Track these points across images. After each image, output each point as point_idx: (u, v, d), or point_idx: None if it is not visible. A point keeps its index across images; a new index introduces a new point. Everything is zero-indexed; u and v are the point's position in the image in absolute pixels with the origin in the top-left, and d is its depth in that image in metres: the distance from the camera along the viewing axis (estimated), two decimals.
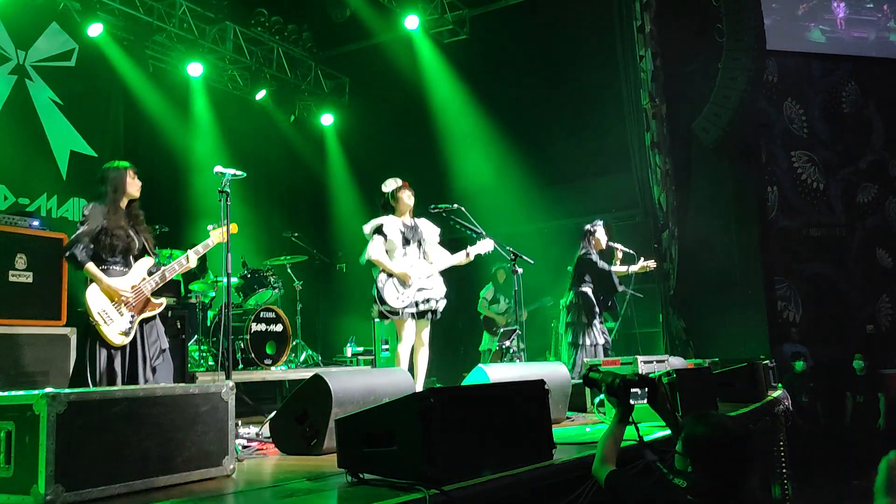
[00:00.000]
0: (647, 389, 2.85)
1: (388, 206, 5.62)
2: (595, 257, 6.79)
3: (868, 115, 11.24)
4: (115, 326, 4.09)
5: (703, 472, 2.38)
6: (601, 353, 6.60)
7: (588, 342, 6.63)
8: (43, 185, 8.53)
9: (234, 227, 4.57)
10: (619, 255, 6.93)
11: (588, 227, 6.98)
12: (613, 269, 6.89)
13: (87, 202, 4.44)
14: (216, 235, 4.56)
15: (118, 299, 4.13)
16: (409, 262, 5.45)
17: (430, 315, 5.48)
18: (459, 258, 5.66)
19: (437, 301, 5.49)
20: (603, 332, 6.76)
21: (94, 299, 4.08)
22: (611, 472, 2.61)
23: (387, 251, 5.44)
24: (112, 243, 4.21)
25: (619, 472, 2.60)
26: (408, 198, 5.58)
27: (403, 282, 5.35)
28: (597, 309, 6.74)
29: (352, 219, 11.56)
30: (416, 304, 5.39)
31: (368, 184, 11.09)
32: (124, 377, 4.12)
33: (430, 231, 5.68)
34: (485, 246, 5.73)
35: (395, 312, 5.31)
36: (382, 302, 5.29)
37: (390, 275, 5.35)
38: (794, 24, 11.19)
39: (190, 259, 4.45)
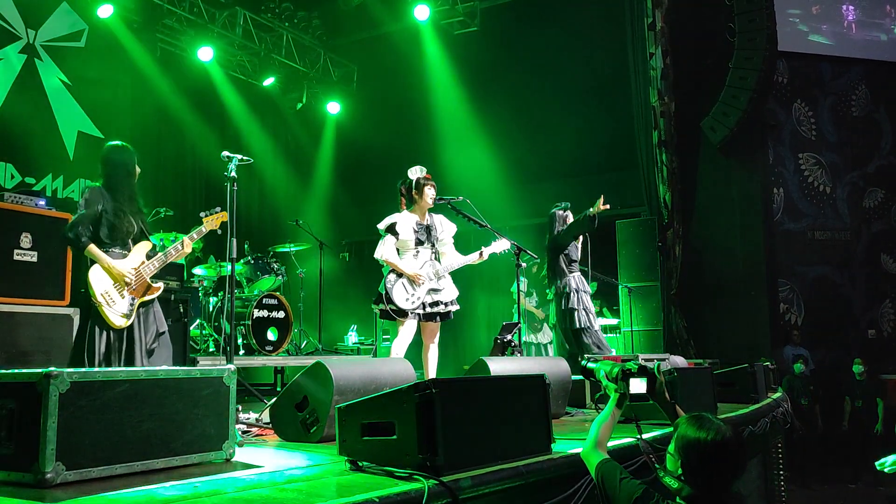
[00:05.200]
0: (645, 379, 2.82)
1: (409, 194, 5.48)
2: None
3: (877, 118, 11.21)
4: (117, 308, 4.09)
5: (691, 474, 2.38)
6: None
7: None
8: (49, 164, 8.56)
9: (224, 216, 4.56)
10: None
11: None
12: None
13: (93, 183, 4.44)
14: (209, 223, 4.55)
15: (120, 281, 4.14)
16: (421, 262, 5.36)
17: (438, 318, 5.41)
18: (473, 258, 5.58)
19: (446, 304, 5.41)
20: None
21: (98, 280, 4.08)
22: (604, 460, 2.60)
23: (398, 249, 5.34)
24: (113, 226, 4.19)
25: (613, 463, 2.59)
26: (430, 194, 5.42)
27: (414, 282, 5.28)
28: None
29: (356, 208, 11.57)
30: (424, 306, 5.32)
31: (374, 173, 11.10)
32: (120, 360, 4.13)
33: (446, 230, 5.56)
34: (500, 245, 5.65)
35: (402, 313, 5.21)
36: (390, 301, 5.19)
37: (400, 274, 5.27)
38: (806, 25, 11.14)
39: (185, 245, 4.45)
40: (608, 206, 6.66)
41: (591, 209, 6.60)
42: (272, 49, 10.82)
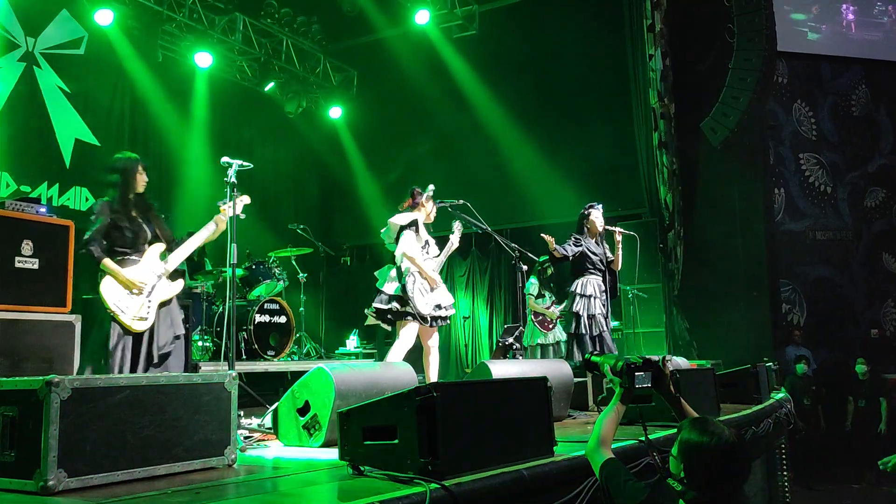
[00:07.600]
0: (651, 373, 2.79)
1: (415, 202, 5.45)
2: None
3: (877, 118, 11.20)
4: (131, 313, 4.21)
5: (694, 479, 2.37)
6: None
7: None
8: (45, 172, 8.48)
9: (246, 198, 4.60)
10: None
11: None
12: None
13: (93, 195, 4.53)
14: (228, 209, 4.55)
15: (134, 289, 4.22)
16: (430, 266, 5.37)
17: (439, 321, 5.42)
18: (447, 252, 5.58)
19: (447, 309, 5.44)
20: None
21: (109, 292, 4.20)
22: (609, 459, 2.58)
23: None
24: (123, 235, 4.31)
25: (618, 463, 2.57)
26: (433, 212, 5.44)
27: (430, 286, 5.26)
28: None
29: (357, 212, 11.57)
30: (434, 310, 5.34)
31: (375, 177, 11.12)
32: (134, 358, 4.21)
33: (431, 250, 5.59)
34: (457, 227, 5.62)
35: (422, 318, 5.16)
36: (408, 304, 5.14)
37: (417, 275, 5.23)
38: (806, 25, 11.15)
39: (219, 222, 4.49)
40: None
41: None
42: (272, 54, 10.84)
